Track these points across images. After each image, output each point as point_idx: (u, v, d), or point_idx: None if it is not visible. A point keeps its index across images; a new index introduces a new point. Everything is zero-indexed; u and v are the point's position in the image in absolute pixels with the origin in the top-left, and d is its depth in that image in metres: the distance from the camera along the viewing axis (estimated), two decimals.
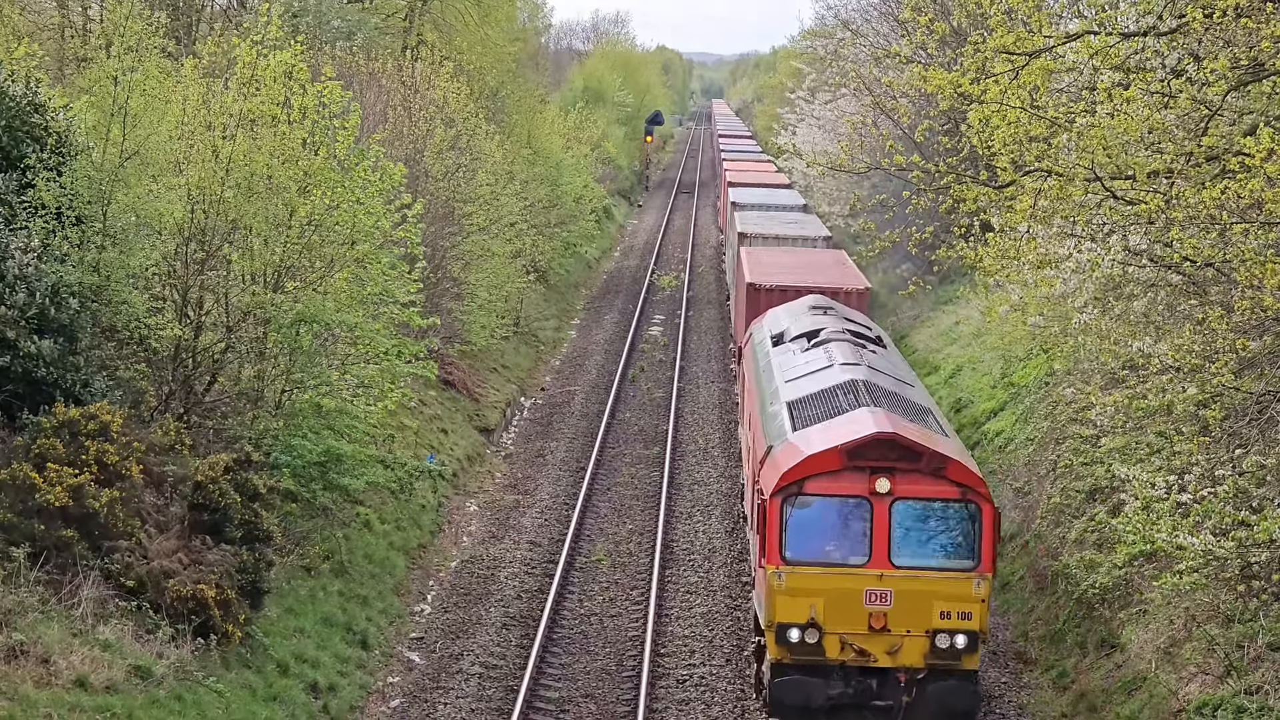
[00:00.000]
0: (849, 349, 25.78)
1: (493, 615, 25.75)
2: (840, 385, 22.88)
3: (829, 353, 25.63)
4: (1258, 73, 17.81)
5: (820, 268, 41.11)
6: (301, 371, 24.86)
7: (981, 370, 38.01)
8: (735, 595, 26.95)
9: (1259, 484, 18.80)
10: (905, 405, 22.55)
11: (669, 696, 22.74)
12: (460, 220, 40.46)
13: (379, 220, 25.38)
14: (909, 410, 22.22)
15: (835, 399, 22.35)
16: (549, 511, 31.96)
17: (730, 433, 38.59)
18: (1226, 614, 19.98)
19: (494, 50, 57.45)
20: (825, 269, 40.96)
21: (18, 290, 21.26)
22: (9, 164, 23.42)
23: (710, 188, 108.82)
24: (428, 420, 34.85)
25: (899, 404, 22.34)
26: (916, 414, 22.25)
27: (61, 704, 16.74)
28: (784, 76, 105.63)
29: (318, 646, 22.25)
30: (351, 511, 27.08)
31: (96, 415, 20.46)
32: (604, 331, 54.15)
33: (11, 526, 18.96)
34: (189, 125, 24.69)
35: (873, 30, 56.97)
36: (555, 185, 59.08)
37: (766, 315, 32.89)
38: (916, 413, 22.41)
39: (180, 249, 24.63)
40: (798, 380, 24.58)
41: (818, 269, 40.82)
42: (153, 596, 19.70)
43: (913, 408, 22.76)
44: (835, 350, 25.67)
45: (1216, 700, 18.83)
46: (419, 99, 40.98)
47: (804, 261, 42.89)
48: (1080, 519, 25.50)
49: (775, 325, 30.65)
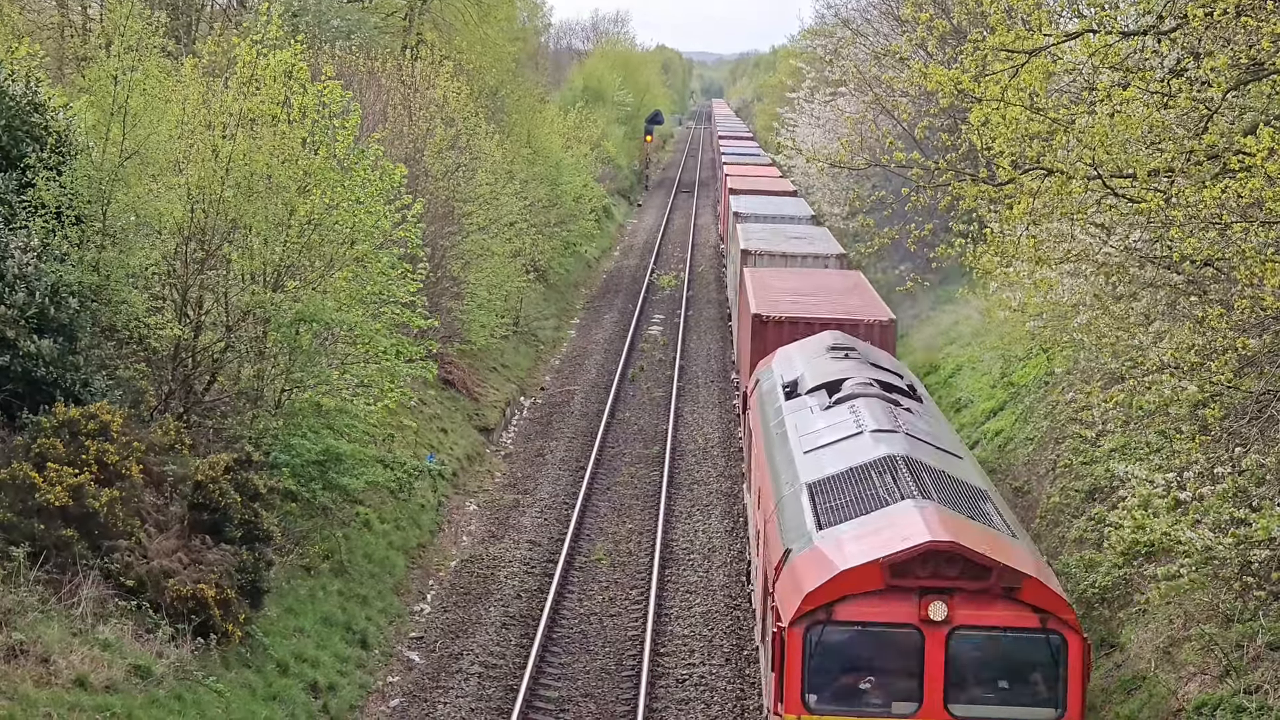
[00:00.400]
0: (880, 408, 21.41)
1: (492, 615, 25.75)
2: (875, 463, 18.61)
3: (856, 414, 21.23)
4: (1257, 72, 17.80)
5: (836, 294, 35.83)
6: (301, 371, 24.86)
7: (981, 370, 38.01)
8: (735, 594, 26.95)
9: (1258, 482, 18.79)
10: (957, 490, 18.19)
11: (668, 696, 22.74)
12: (460, 220, 40.47)
13: (379, 220, 25.38)
14: (963, 498, 17.84)
15: (870, 482, 18.09)
16: (549, 511, 31.96)
17: (730, 431, 38.58)
18: (1225, 613, 19.98)
19: (493, 49, 57.46)
20: (842, 296, 35.72)
21: (17, 289, 21.27)
22: (9, 163, 23.42)
23: (710, 187, 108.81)
24: (427, 420, 34.85)
25: (949, 489, 18.01)
26: (972, 502, 17.97)
27: (61, 703, 16.74)
28: (784, 76, 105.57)
29: (317, 646, 22.24)
30: (351, 511, 27.08)
31: (96, 415, 20.46)
32: (604, 331, 54.15)
33: (11, 526, 18.96)
34: (189, 125, 24.69)
35: (873, 29, 56.96)
36: (555, 185, 59.11)
37: (776, 356, 28.19)
38: (971, 500, 18.02)
39: (180, 248, 24.63)
40: (819, 451, 20.26)
41: (834, 296, 35.60)
42: (152, 596, 19.70)
43: (966, 493, 18.29)
44: (864, 410, 21.28)
45: (1216, 700, 18.82)
46: (419, 98, 40.99)
47: (817, 286, 37.33)
48: (1079, 518, 25.50)
49: (787, 370, 26.10)
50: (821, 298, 35.16)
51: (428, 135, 39.30)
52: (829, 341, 27.16)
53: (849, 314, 32.62)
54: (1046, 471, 28.56)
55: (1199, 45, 18.32)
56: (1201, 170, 17.48)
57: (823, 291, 36.31)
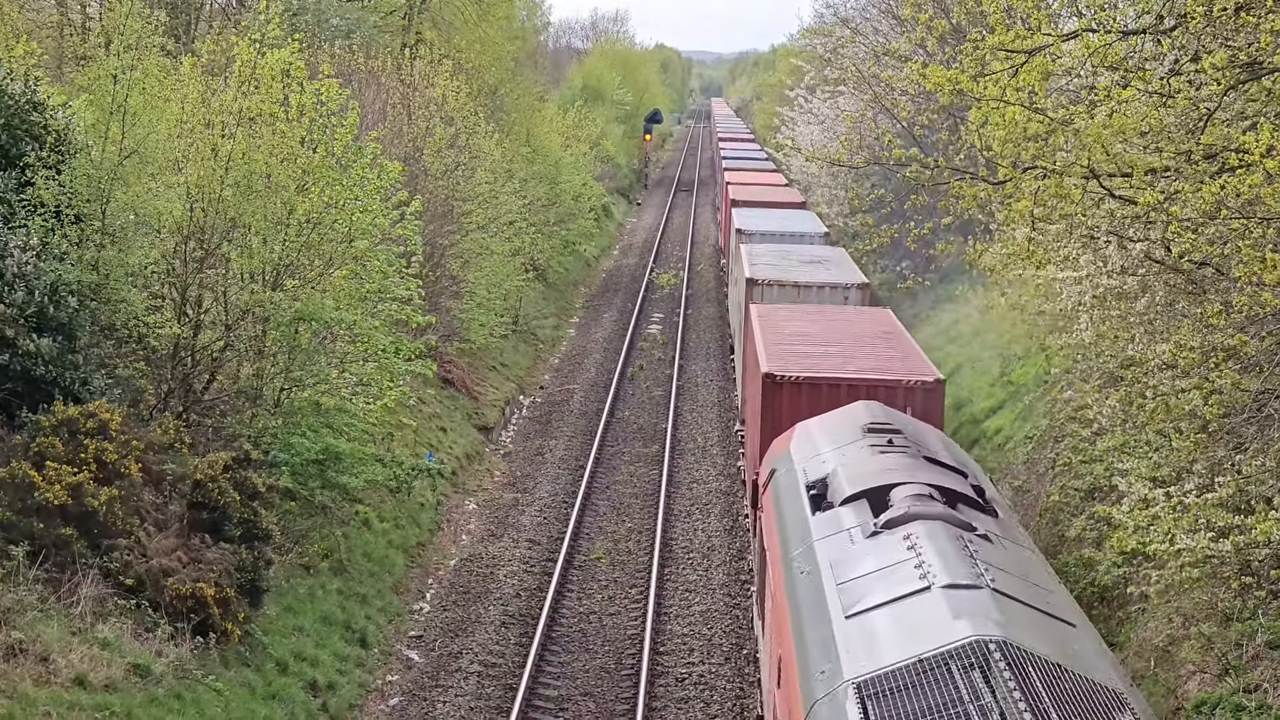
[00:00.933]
0: (948, 540, 15.10)
1: (492, 613, 25.75)
2: (957, 653, 12.36)
3: (917, 550, 14.91)
4: (1255, 71, 17.80)
5: (866, 343, 28.09)
6: (300, 369, 24.86)
7: (980, 368, 38.03)
8: (734, 593, 26.96)
9: (1258, 482, 18.80)
10: (1082, 696, 11.98)
11: (668, 695, 22.75)
12: (459, 218, 40.47)
13: (377, 218, 25.39)
14: (1094, 711, 11.73)
15: (950, 688, 11.95)
16: (548, 510, 31.96)
17: (729, 430, 38.59)
18: (1225, 612, 19.98)
19: (493, 48, 57.46)
20: (874, 345, 27.87)
21: (17, 288, 21.27)
22: (8, 162, 23.42)
23: (710, 186, 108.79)
24: (426, 418, 34.84)
25: (1070, 696, 11.87)
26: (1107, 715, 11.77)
27: (60, 702, 16.74)
28: (783, 75, 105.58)
29: (317, 645, 22.24)
30: (350, 510, 27.08)
31: (95, 413, 20.46)
32: (603, 330, 54.15)
33: (10, 525, 18.96)
34: (188, 123, 24.69)
35: (872, 28, 56.98)
36: (554, 183, 59.12)
37: (795, 437, 21.60)
38: (1107, 712, 11.81)
39: (179, 247, 24.63)
40: (868, 616, 13.97)
41: (863, 345, 27.81)
42: (152, 595, 19.70)
43: (1095, 699, 12.00)
44: (927, 545, 14.94)
45: (1215, 699, 18.82)
46: (418, 97, 40.98)
47: (842, 330, 29.47)
48: (1079, 517, 25.50)
49: (812, 462, 19.61)
50: (849, 347, 27.61)
51: (427, 134, 39.31)
52: (865, 419, 20.76)
53: (886, 373, 25.29)
54: (1046, 470, 28.57)
55: (1198, 44, 18.32)
56: (1199, 169, 17.49)
57: (849, 338, 28.54)
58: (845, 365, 26.03)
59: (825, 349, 27.38)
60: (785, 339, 28.08)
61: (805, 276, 37.58)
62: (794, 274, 37.87)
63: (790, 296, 35.89)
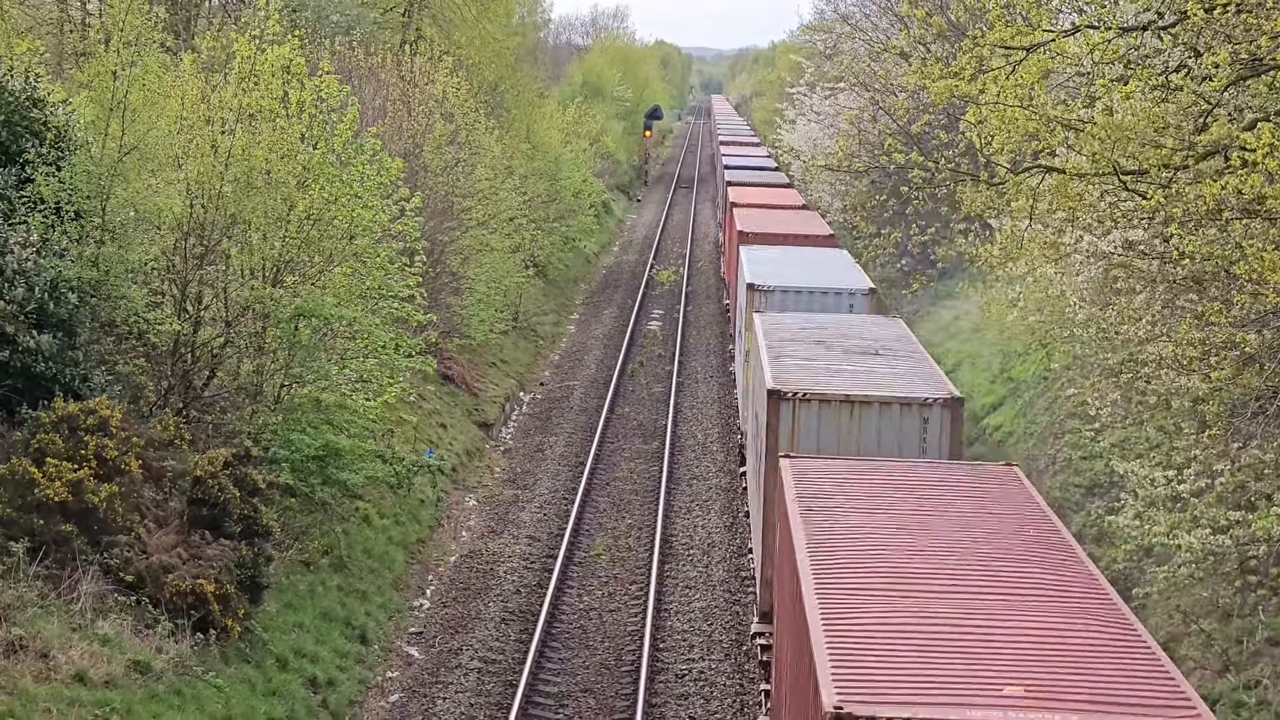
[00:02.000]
0: None
1: (492, 610, 25.76)
2: None
3: None
4: (1256, 68, 17.80)
5: (984, 537, 15.46)
6: (300, 366, 24.86)
7: (981, 365, 38.05)
8: (734, 590, 26.96)
9: (1257, 478, 18.81)
10: None
11: (668, 691, 22.75)
12: (459, 215, 40.46)
13: (377, 214, 25.38)
14: None
15: None
16: (548, 506, 31.96)
17: (729, 427, 38.58)
18: (1225, 609, 20.00)
19: (492, 45, 57.43)
20: (997, 536, 15.48)
21: (17, 285, 21.26)
22: (8, 159, 23.41)
23: (709, 183, 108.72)
24: (427, 415, 34.84)
25: None
26: None
27: (61, 699, 16.74)
28: (783, 71, 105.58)
29: (317, 641, 22.24)
30: (350, 506, 27.08)
31: (95, 410, 20.45)
32: (603, 326, 54.14)
33: (11, 521, 18.96)
34: (188, 120, 24.68)
35: (871, 25, 57.00)
36: (554, 180, 59.09)
37: None
38: None
39: (179, 244, 24.62)
40: None
41: (982, 539, 15.36)
42: (152, 591, 19.70)
43: None
44: None
45: (1215, 695, 18.84)
46: (418, 94, 40.96)
47: (941, 504, 16.58)
48: (1079, 513, 25.52)
49: None
50: (954, 533, 15.50)
51: (427, 131, 39.29)
52: None
53: None
54: (1046, 466, 28.58)
55: (1198, 41, 18.32)
56: (1201, 167, 17.49)
57: (959, 525, 15.83)
58: None
59: (918, 538, 15.35)
60: (836, 526, 15.91)
61: (860, 381, 22.44)
62: (842, 377, 22.77)
63: (840, 412, 21.44)
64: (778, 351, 24.25)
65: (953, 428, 20.91)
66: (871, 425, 21.11)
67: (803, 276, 33.97)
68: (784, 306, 30.01)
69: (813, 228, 45.63)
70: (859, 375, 22.80)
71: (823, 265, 36.22)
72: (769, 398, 21.62)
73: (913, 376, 22.73)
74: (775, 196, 56.34)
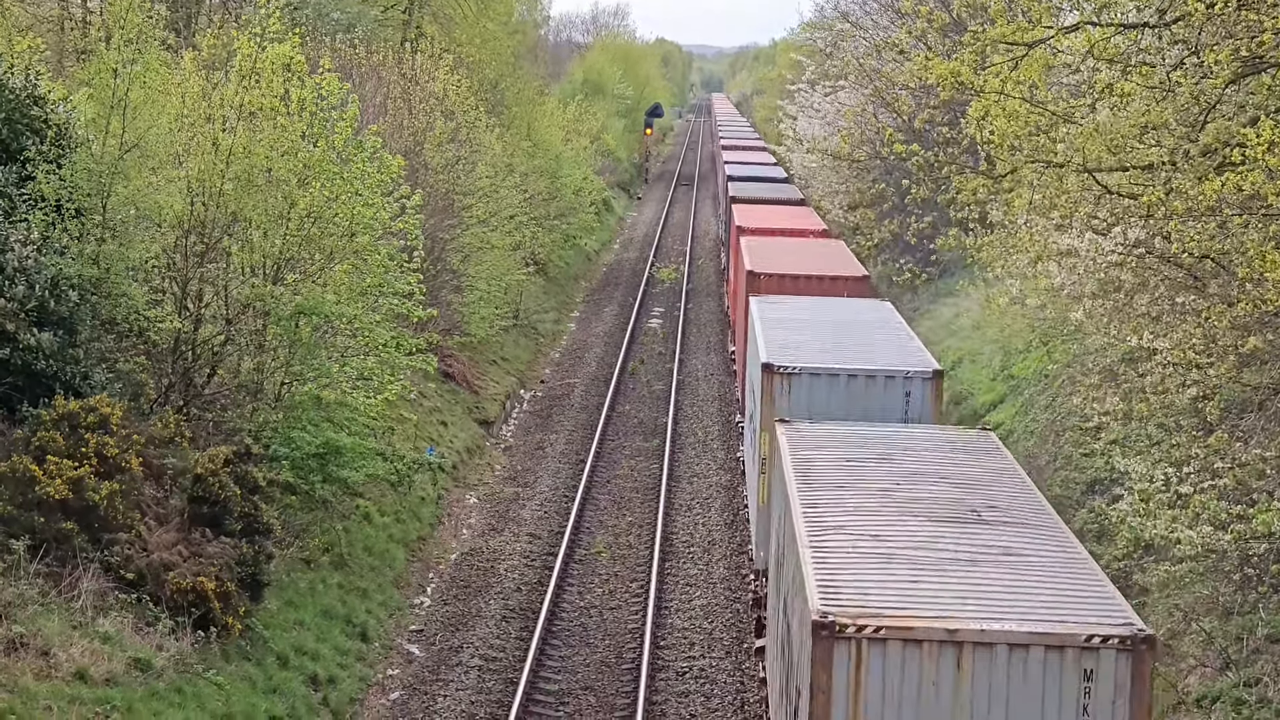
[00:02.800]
0: None
1: (492, 607, 25.76)
2: None
3: None
4: (1257, 65, 17.79)
5: None
6: (301, 364, 24.86)
7: (981, 363, 38.02)
8: (734, 588, 26.97)
9: (1258, 476, 18.80)
10: None
11: (668, 689, 22.76)
12: (460, 213, 40.46)
13: (378, 212, 25.38)
14: None
15: None
16: (548, 504, 31.97)
17: (729, 424, 38.58)
18: (1225, 607, 19.99)
19: (493, 43, 57.46)
20: None
21: (17, 283, 21.26)
22: (9, 156, 23.39)
23: (710, 181, 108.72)
24: (427, 413, 34.84)
25: None
26: None
27: (61, 696, 16.75)
28: (784, 69, 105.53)
29: (317, 639, 22.25)
30: (351, 504, 27.09)
31: (96, 408, 20.46)
32: (603, 324, 54.15)
33: (11, 519, 18.96)
34: (188, 118, 24.67)
35: (872, 23, 56.98)
36: (555, 178, 59.09)
37: None
38: None
39: (180, 241, 24.61)
40: None
41: None
42: (152, 589, 19.70)
43: None
44: None
45: (1216, 692, 18.84)
46: (419, 91, 40.96)
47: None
48: (1080, 510, 25.52)
49: None
50: None
51: (427, 128, 39.28)
52: None
53: None
54: (1047, 464, 28.58)
55: (1199, 38, 18.31)
56: (1200, 165, 17.47)
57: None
58: None
59: None
60: None
61: (938, 541, 15.24)
62: (890, 498, 16.57)
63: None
64: (800, 454, 18.17)
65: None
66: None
67: (826, 334, 26.15)
68: (813, 393, 22.85)
69: (841, 265, 36.54)
70: (897, 485, 16.92)
71: (864, 329, 26.99)
72: (788, 555, 16.17)
73: (1000, 496, 16.72)
74: (789, 217, 48.71)
